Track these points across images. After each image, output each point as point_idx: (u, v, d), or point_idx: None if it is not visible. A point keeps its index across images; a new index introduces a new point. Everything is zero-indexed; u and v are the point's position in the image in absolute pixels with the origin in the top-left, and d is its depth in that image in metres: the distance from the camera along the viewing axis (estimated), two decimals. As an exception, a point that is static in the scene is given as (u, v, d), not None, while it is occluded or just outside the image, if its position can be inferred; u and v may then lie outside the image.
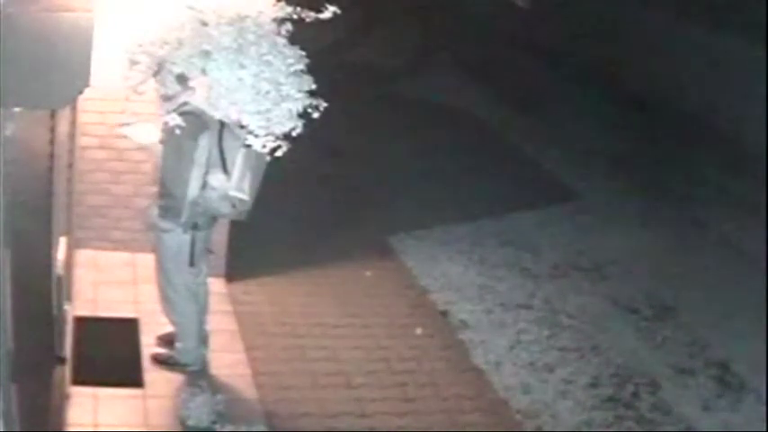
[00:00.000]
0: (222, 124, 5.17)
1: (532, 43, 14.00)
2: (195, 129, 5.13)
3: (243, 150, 5.17)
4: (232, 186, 5.24)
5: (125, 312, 6.16)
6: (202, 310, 5.67)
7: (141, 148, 5.97)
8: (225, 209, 5.36)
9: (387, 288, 7.18)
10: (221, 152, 5.23)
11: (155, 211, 5.46)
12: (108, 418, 5.23)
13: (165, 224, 5.41)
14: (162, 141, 5.35)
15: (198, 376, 5.61)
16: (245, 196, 5.27)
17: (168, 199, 5.37)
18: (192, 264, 5.46)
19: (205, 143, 5.19)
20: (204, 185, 5.28)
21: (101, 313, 6.11)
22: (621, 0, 13.75)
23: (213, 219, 5.54)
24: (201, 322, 5.69)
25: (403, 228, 8.15)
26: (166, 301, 5.64)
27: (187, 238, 5.40)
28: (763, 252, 8.29)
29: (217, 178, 5.25)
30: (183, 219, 5.33)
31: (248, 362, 5.95)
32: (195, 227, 5.39)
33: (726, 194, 9.92)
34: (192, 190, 5.27)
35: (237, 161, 5.22)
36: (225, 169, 5.25)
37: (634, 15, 13.45)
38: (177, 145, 5.20)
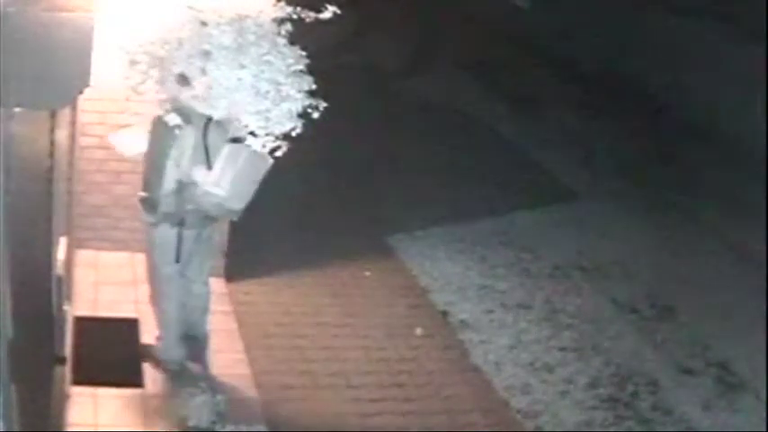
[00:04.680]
0: (208, 119, 5.11)
1: (532, 43, 14.00)
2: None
3: (227, 146, 5.11)
4: (210, 181, 5.12)
5: (125, 312, 6.15)
6: (191, 311, 5.60)
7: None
8: (210, 206, 5.26)
9: (387, 288, 7.18)
10: (206, 148, 5.16)
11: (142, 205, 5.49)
12: (108, 418, 5.23)
13: (148, 217, 5.42)
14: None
15: (198, 376, 5.60)
16: (221, 191, 5.12)
17: (148, 191, 5.38)
18: (178, 260, 5.43)
19: (185, 136, 5.12)
20: (189, 181, 5.24)
21: (101, 313, 6.11)
22: (621, 0, 13.75)
23: (207, 218, 5.44)
24: (189, 324, 5.61)
25: (403, 228, 8.15)
26: (152, 294, 5.65)
27: (173, 232, 5.35)
28: (764, 252, 8.29)
29: (199, 173, 5.18)
30: (161, 210, 5.29)
31: (248, 362, 5.95)
32: (182, 223, 5.35)
33: (726, 194, 9.91)
34: (167, 183, 5.22)
35: (220, 157, 5.12)
36: (209, 165, 5.17)
37: (634, 15, 13.45)
38: (156, 138, 5.21)
